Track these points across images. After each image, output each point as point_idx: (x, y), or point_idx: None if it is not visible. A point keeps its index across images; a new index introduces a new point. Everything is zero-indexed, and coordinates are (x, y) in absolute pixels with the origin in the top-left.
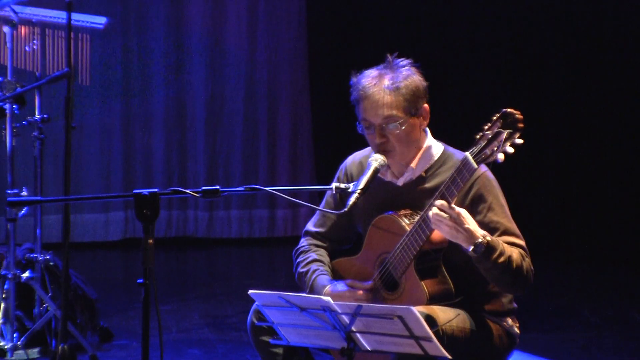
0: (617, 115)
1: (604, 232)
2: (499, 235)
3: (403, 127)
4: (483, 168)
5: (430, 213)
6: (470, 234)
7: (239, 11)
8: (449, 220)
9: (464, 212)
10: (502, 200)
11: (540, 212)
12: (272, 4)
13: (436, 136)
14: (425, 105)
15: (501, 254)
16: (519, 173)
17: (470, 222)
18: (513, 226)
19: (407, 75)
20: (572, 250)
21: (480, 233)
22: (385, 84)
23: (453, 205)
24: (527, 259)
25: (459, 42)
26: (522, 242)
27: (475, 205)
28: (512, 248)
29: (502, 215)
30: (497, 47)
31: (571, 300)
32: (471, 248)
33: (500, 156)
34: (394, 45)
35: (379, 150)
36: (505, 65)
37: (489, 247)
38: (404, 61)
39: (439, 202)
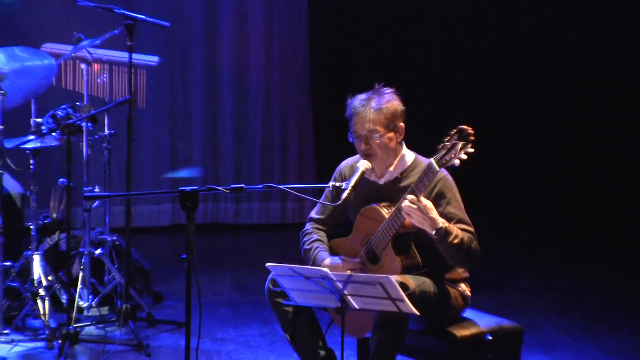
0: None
1: (536, 217)
2: (455, 224)
3: (382, 138)
4: (444, 171)
5: (404, 204)
6: (433, 221)
7: (259, 53)
8: (418, 211)
9: (429, 204)
10: (458, 196)
11: (484, 205)
12: (284, 47)
13: (409, 147)
14: (402, 124)
15: (456, 237)
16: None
17: (433, 212)
18: (465, 217)
19: (388, 99)
20: (511, 232)
21: (440, 220)
22: (371, 105)
23: (422, 198)
24: (475, 242)
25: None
26: (471, 229)
27: (437, 200)
28: (464, 233)
29: (458, 208)
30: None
31: (510, 271)
32: (434, 232)
33: (457, 162)
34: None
35: (365, 155)
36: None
37: (447, 232)
38: (388, 89)
39: (410, 196)
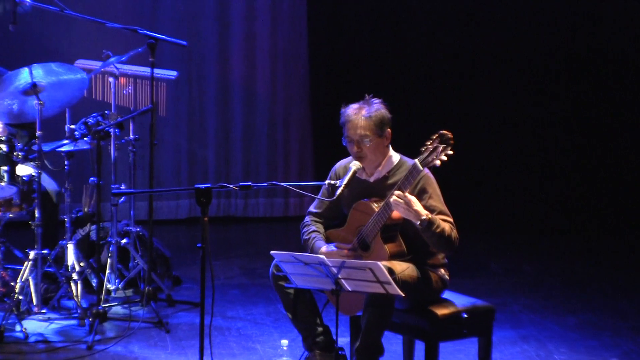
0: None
1: (505, 209)
2: (436, 215)
3: (372, 143)
4: (426, 170)
5: (391, 199)
6: (417, 213)
7: (265, 69)
8: (404, 204)
9: (414, 199)
10: (438, 191)
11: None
12: (287, 64)
13: (397, 148)
14: (389, 129)
15: (438, 226)
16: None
17: (417, 205)
18: (445, 209)
19: (377, 108)
20: (484, 223)
21: (424, 212)
22: (362, 113)
23: (407, 194)
24: (454, 231)
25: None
26: (451, 219)
27: (420, 195)
28: (445, 223)
29: (438, 201)
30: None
31: (483, 257)
32: (418, 222)
33: (438, 162)
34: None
35: (357, 157)
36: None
37: (430, 222)
38: (376, 100)
39: (397, 192)
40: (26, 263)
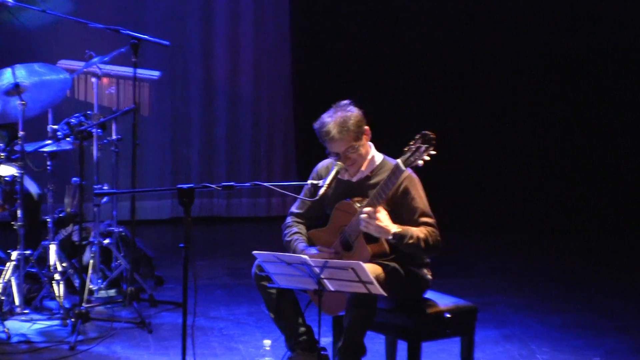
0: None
1: (491, 209)
2: (419, 216)
3: (358, 150)
4: (409, 170)
5: (361, 217)
6: (386, 230)
7: (249, 70)
8: (373, 222)
9: (382, 216)
10: (422, 192)
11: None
12: (270, 65)
13: (378, 149)
14: (366, 127)
15: (411, 237)
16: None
17: (386, 222)
18: (428, 210)
19: (349, 113)
20: (468, 223)
21: (393, 227)
22: (338, 127)
23: (379, 209)
24: (434, 234)
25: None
26: (432, 221)
27: (403, 195)
28: (422, 228)
29: (421, 202)
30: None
31: (466, 257)
32: (390, 237)
33: (421, 162)
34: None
35: (347, 165)
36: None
37: (402, 235)
38: (342, 103)
39: (367, 209)
40: (8, 263)
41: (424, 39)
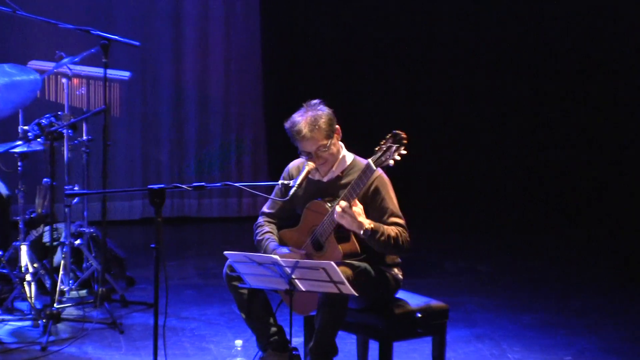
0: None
1: (461, 210)
2: (389, 216)
3: (330, 148)
4: (380, 170)
5: (336, 210)
6: (360, 224)
7: (218, 70)
8: (348, 217)
9: (358, 209)
10: (392, 192)
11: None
12: (240, 65)
13: (350, 149)
14: (337, 126)
15: (382, 234)
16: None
17: (361, 217)
18: (397, 210)
19: (320, 111)
20: (438, 223)
21: (367, 223)
22: (309, 126)
23: (355, 201)
24: (404, 234)
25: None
26: (402, 221)
27: (374, 195)
28: (393, 227)
29: (391, 203)
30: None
31: (437, 257)
32: (362, 232)
33: (391, 162)
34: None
35: (318, 164)
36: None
37: (374, 231)
38: (312, 102)
39: (342, 203)
40: None
41: (396, 37)
